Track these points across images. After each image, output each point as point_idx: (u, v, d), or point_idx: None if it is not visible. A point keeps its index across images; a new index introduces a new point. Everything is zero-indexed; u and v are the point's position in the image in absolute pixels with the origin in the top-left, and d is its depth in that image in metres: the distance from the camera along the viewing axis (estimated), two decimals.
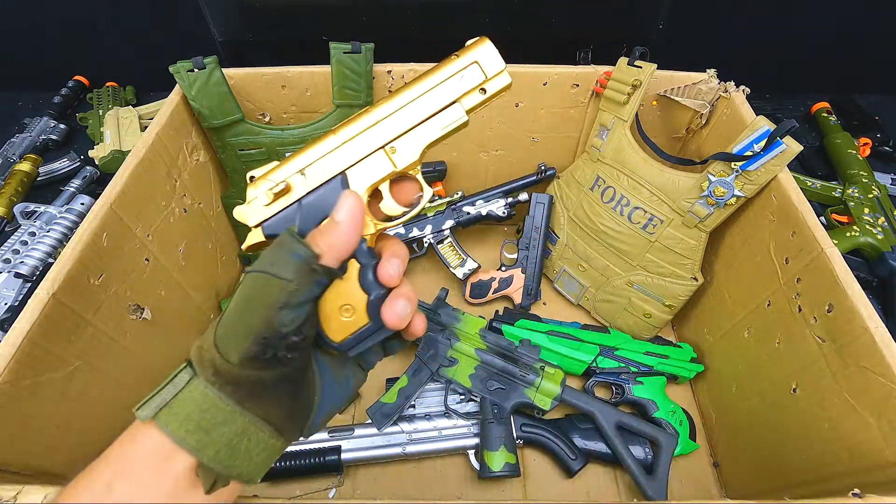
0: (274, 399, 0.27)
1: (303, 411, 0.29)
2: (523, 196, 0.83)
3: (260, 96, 0.75)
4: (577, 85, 0.74)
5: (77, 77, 1.17)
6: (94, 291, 0.52)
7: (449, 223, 0.83)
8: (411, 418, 0.67)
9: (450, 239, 0.83)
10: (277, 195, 0.31)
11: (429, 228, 0.83)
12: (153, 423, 0.26)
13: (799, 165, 1.01)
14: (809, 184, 0.92)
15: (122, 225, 0.56)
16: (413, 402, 0.69)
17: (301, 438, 0.30)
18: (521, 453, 0.69)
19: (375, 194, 0.33)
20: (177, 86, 0.67)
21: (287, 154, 0.73)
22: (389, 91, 0.75)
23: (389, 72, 0.73)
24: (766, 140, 0.56)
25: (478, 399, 0.67)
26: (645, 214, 0.68)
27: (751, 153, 0.58)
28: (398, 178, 0.33)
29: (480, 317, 0.73)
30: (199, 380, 0.26)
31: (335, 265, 0.28)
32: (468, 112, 0.33)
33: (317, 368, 0.30)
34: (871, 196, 0.87)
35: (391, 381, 0.71)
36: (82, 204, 0.89)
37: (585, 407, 0.66)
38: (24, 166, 0.94)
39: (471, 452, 0.66)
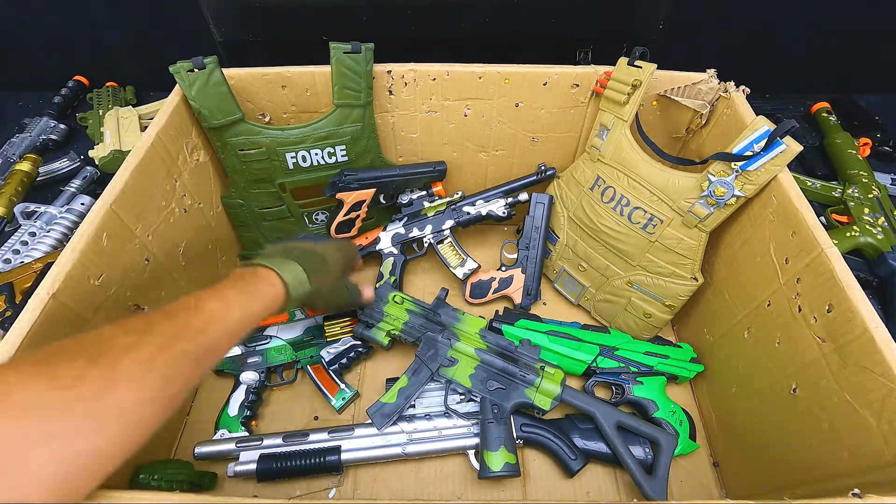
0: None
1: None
2: (523, 196, 0.83)
3: (260, 96, 0.75)
4: (577, 85, 0.74)
5: (77, 77, 1.17)
6: (94, 291, 0.52)
7: (449, 223, 0.83)
8: (411, 418, 0.67)
9: (450, 239, 0.83)
10: None
11: (429, 228, 0.83)
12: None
13: (799, 165, 1.01)
14: (809, 184, 0.92)
15: (122, 225, 0.56)
16: (413, 402, 0.69)
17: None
18: (521, 453, 0.69)
19: None
20: (177, 86, 0.67)
21: (287, 154, 0.73)
22: (389, 92, 0.75)
23: (389, 72, 0.73)
24: (766, 140, 0.56)
25: (478, 399, 0.67)
26: (645, 214, 0.68)
27: (751, 153, 0.58)
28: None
29: (481, 317, 0.73)
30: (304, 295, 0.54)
31: None
32: None
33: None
34: (871, 196, 0.87)
35: (391, 381, 0.71)
36: (82, 204, 0.89)
37: (585, 407, 0.66)
38: (24, 166, 0.94)
39: (471, 452, 0.66)
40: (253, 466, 0.63)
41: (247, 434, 0.68)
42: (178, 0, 0.99)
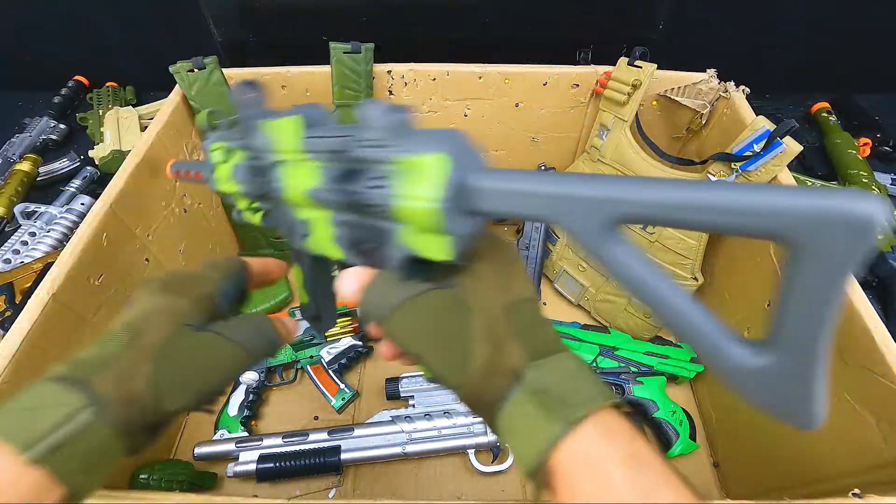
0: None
1: None
2: None
3: None
4: (577, 85, 0.74)
5: (77, 77, 1.17)
6: (94, 291, 0.52)
7: None
8: (411, 418, 0.67)
9: None
10: None
11: None
12: (30, 463, 0.24)
13: (799, 165, 1.01)
14: (809, 184, 0.92)
15: (122, 225, 0.56)
16: (413, 403, 0.69)
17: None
18: None
19: None
20: (177, 86, 0.67)
21: None
22: (390, 92, 0.75)
23: (389, 72, 0.73)
24: (765, 140, 0.56)
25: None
26: None
27: (751, 153, 0.58)
28: None
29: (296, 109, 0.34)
30: (105, 427, 0.27)
31: None
32: None
33: None
34: None
35: (391, 381, 0.71)
36: (82, 204, 0.89)
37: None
38: (24, 166, 0.94)
39: (471, 452, 0.66)
40: (253, 466, 0.63)
41: (247, 434, 0.68)
42: (178, 0, 0.99)
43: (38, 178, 0.96)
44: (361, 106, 0.28)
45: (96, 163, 0.97)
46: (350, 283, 0.31)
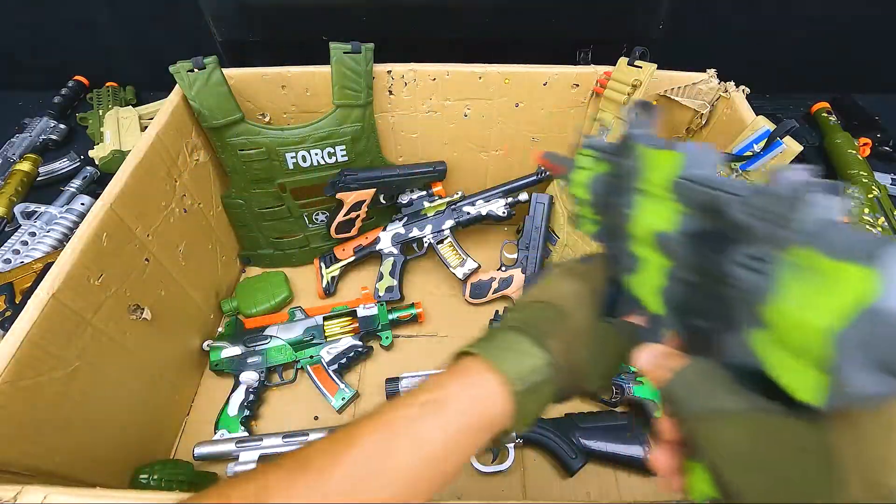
0: None
1: None
2: (523, 196, 0.83)
3: (260, 96, 0.75)
4: (577, 85, 0.74)
5: (77, 77, 1.17)
6: (94, 291, 0.52)
7: (449, 223, 0.83)
8: None
9: (450, 239, 0.83)
10: None
11: (429, 228, 0.83)
12: (511, 394, 0.28)
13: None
14: None
15: (122, 225, 0.56)
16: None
17: None
18: (520, 453, 0.68)
19: None
20: (177, 86, 0.67)
21: (287, 154, 0.73)
22: (390, 92, 0.75)
23: (389, 72, 0.73)
24: (766, 140, 0.56)
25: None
26: None
27: (751, 153, 0.58)
28: None
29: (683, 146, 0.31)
30: (553, 386, 0.30)
31: None
32: None
33: None
34: (871, 196, 0.87)
35: (391, 381, 0.71)
36: (82, 204, 0.89)
37: None
38: (24, 166, 0.94)
39: None
40: (253, 466, 0.63)
41: (246, 434, 0.68)
42: (178, 0, 0.99)
43: (38, 178, 0.96)
44: (778, 169, 0.22)
45: (96, 163, 0.97)
46: (656, 359, 0.27)
